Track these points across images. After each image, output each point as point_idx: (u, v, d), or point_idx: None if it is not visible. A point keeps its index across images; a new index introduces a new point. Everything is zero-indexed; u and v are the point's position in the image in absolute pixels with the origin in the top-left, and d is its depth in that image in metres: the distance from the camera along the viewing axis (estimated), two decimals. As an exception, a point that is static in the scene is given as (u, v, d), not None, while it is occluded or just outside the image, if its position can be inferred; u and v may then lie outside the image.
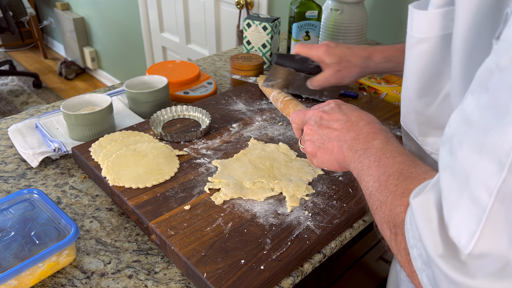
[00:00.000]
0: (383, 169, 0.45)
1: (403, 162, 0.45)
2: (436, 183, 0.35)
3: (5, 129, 0.94)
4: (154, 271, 0.62)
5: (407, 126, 0.60)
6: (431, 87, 0.52)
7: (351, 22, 1.25)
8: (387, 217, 0.42)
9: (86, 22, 3.44)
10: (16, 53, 4.20)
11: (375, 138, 0.50)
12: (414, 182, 0.41)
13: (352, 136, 0.53)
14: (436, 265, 0.32)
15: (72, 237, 0.59)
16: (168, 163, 0.76)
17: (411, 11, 0.50)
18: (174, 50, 2.59)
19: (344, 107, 0.58)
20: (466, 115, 0.32)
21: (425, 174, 0.42)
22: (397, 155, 0.46)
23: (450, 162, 0.32)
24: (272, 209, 0.67)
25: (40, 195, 0.67)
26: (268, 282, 0.57)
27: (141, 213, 0.66)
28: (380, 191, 0.44)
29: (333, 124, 0.56)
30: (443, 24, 0.47)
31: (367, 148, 0.50)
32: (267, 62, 1.24)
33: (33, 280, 0.59)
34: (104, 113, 0.87)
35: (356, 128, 0.53)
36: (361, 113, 0.55)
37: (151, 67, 1.13)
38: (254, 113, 0.95)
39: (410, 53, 0.53)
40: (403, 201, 0.40)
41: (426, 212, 0.34)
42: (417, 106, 0.55)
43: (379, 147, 0.49)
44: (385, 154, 0.47)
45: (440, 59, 0.49)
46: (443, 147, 0.34)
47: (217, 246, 0.60)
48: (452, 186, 0.32)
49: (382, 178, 0.45)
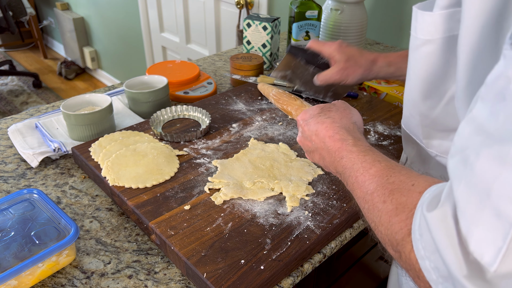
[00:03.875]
0: (364, 188, 0.44)
1: (378, 174, 0.44)
2: (449, 195, 0.33)
3: (5, 129, 0.94)
4: (154, 271, 0.62)
5: (410, 129, 0.60)
6: (435, 89, 0.51)
7: (351, 22, 1.25)
8: (385, 237, 0.40)
9: (86, 22, 3.44)
10: (16, 53, 4.20)
11: (341, 156, 0.50)
12: (403, 192, 0.39)
13: (324, 157, 0.55)
14: (462, 285, 0.30)
15: (72, 237, 0.59)
16: (168, 163, 0.76)
17: (415, 12, 0.50)
18: (174, 50, 2.59)
19: (315, 122, 0.57)
20: (479, 124, 0.30)
21: (411, 180, 0.40)
22: (369, 167, 0.45)
23: (466, 174, 0.31)
24: (272, 209, 0.67)
25: (40, 195, 0.67)
26: (268, 282, 0.57)
27: (141, 213, 0.65)
28: (370, 211, 0.43)
29: (308, 142, 0.59)
30: (448, 25, 0.47)
31: (341, 172, 0.50)
32: (267, 62, 1.24)
33: (33, 280, 0.59)
34: (104, 113, 0.87)
35: (323, 149, 0.54)
36: (327, 126, 0.55)
37: (151, 67, 1.13)
38: (254, 113, 0.95)
39: (414, 55, 0.52)
40: (399, 218, 0.38)
41: (446, 227, 0.32)
42: (422, 109, 0.54)
43: (349, 166, 0.48)
44: (357, 171, 0.46)
45: (445, 61, 0.49)
46: (453, 158, 0.33)
47: (217, 246, 0.60)
48: (470, 199, 0.30)
49: (368, 197, 0.43)
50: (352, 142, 0.50)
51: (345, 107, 0.59)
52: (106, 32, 3.22)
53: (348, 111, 0.58)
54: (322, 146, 0.55)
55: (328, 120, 0.55)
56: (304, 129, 0.59)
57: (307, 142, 0.59)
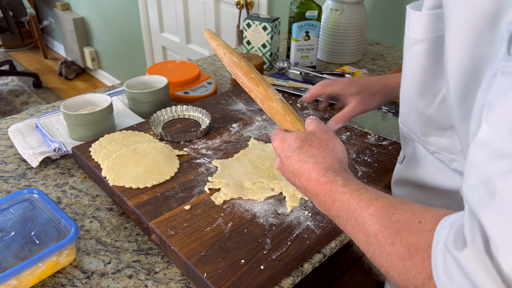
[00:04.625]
0: (365, 230, 0.41)
1: (379, 213, 0.41)
2: (474, 229, 0.30)
3: (5, 129, 0.94)
4: (154, 271, 0.62)
5: (408, 126, 0.60)
6: (429, 88, 0.52)
7: (351, 22, 1.25)
8: (401, 283, 0.37)
9: (86, 22, 3.44)
10: (16, 53, 4.20)
11: (333, 199, 0.46)
12: (412, 232, 0.37)
13: (310, 197, 0.51)
14: None
15: (72, 237, 0.59)
16: (168, 163, 0.76)
17: (408, 11, 0.50)
18: (174, 50, 2.59)
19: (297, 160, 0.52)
20: (495, 149, 0.29)
21: (415, 216, 0.38)
22: (366, 206, 0.42)
23: (496, 204, 0.29)
24: (272, 209, 0.67)
25: (40, 195, 0.67)
26: (268, 282, 0.57)
27: (141, 213, 0.66)
28: (377, 255, 0.40)
29: (290, 177, 0.54)
30: (436, 26, 0.47)
31: (336, 216, 0.46)
32: (267, 62, 1.24)
33: (33, 280, 0.59)
34: (104, 113, 0.87)
35: (309, 191, 0.50)
36: (309, 167, 0.50)
37: (151, 67, 1.13)
38: (254, 113, 0.95)
39: (408, 53, 0.53)
40: (414, 260, 0.35)
41: (484, 265, 0.29)
42: (418, 106, 0.54)
43: (344, 208, 0.45)
44: (354, 212, 0.43)
45: (436, 60, 0.49)
46: (476, 190, 0.31)
47: (217, 246, 0.60)
48: (507, 230, 0.28)
49: (372, 240, 0.40)
50: (342, 183, 0.47)
51: (328, 140, 0.53)
52: (106, 32, 3.22)
53: (332, 146, 0.52)
54: (307, 188, 0.51)
55: (311, 160, 0.50)
56: (284, 161, 0.54)
57: (288, 175, 0.55)
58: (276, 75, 1.14)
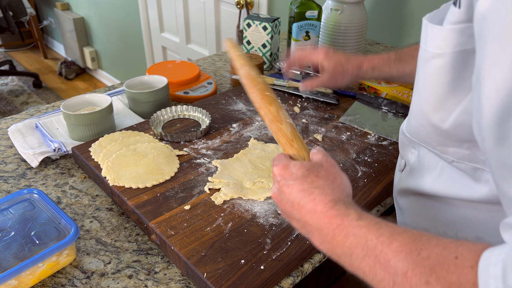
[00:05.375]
0: (390, 268, 0.37)
1: (405, 249, 0.37)
2: None
3: (5, 129, 0.94)
4: (154, 271, 0.62)
5: (420, 137, 0.57)
6: (446, 102, 0.49)
7: (351, 22, 1.25)
8: None
9: (86, 22, 3.44)
10: (16, 53, 4.20)
11: (345, 234, 0.42)
12: (449, 269, 0.34)
13: (311, 234, 0.46)
14: None
15: (72, 237, 0.59)
16: (168, 163, 0.76)
17: (426, 25, 0.48)
18: (174, 50, 2.59)
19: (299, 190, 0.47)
20: None
21: (449, 252, 0.35)
22: (389, 241, 0.38)
23: None
24: (272, 209, 0.67)
25: (40, 195, 0.67)
26: (268, 282, 0.57)
27: (141, 213, 0.66)
28: None
29: (288, 208, 0.49)
30: (460, 40, 0.45)
31: (347, 254, 0.42)
32: (267, 62, 1.24)
33: (33, 280, 0.59)
34: (104, 113, 0.87)
35: (312, 225, 0.46)
36: (315, 199, 0.46)
37: (151, 67, 1.13)
38: (254, 113, 0.95)
39: (424, 67, 0.50)
40: None
41: None
42: (433, 120, 0.52)
43: (360, 244, 0.40)
44: (375, 249, 0.39)
45: (456, 75, 0.47)
46: None
47: (217, 246, 0.60)
48: None
49: (399, 280, 0.36)
50: (356, 216, 0.42)
51: (336, 173, 0.50)
52: (106, 32, 3.22)
53: (340, 180, 0.49)
54: (308, 222, 0.46)
55: (317, 191, 0.46)
56: (283, 189, 0.49)
57: (285, 206, 0.49)
58: (276, 75, 1.14)
